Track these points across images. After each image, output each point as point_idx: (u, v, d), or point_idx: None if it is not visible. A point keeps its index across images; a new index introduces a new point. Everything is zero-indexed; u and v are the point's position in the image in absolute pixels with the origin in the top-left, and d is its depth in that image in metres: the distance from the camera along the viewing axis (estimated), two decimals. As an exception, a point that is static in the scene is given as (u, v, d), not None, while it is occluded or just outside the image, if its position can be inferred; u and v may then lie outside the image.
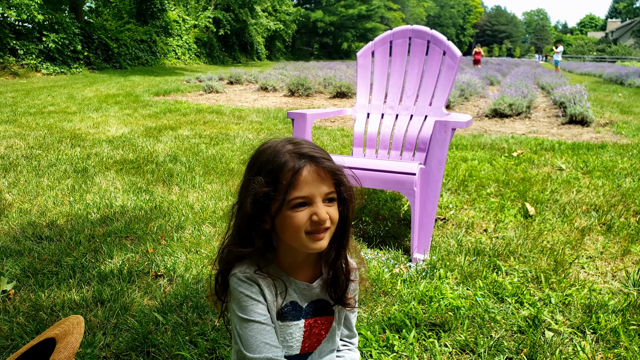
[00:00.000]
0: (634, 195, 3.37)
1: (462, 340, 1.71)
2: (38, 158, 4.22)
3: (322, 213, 0.99)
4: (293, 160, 0.98)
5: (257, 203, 1.00)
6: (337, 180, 1.03)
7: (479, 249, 2.46)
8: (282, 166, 0.98)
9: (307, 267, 1.13)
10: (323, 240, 1.01)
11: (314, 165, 0.99)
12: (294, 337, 1.12)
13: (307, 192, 0.98)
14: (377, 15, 58.98)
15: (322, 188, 0.99)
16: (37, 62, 14.98)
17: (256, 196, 0.99)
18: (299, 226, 0.99)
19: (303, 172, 0.97)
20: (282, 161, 0.98)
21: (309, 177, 0.98)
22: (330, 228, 1.02)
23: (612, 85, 15.54)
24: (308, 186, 0.98)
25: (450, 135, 2.31)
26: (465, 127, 2.46)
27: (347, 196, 1.05)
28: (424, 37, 2.98)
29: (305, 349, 1.15)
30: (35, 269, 2.17)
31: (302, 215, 0.99)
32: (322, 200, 1.00)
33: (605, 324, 1.81)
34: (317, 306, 1.14)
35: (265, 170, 1.00)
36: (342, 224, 1.07)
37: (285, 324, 1.11)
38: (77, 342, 0.91)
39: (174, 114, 7.28)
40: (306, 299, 1.13)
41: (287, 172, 0.97)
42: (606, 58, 50.49)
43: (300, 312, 1.12)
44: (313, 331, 1.15)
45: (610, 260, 2.42)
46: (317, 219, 0.98)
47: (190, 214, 2.90)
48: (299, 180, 0.97)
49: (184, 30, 28.09)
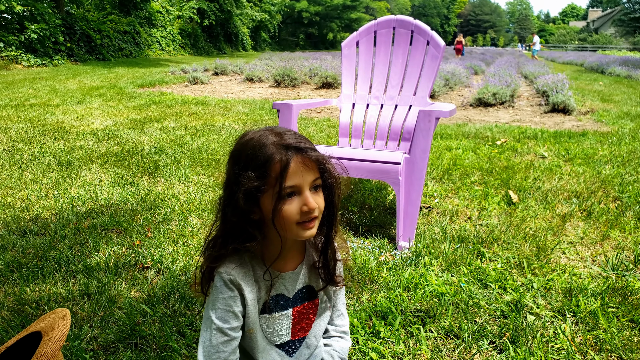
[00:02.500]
0: (614, 182, 3.44)
1: (447, 326, 1.74)
2: (20, 151, 4.17)
3: (311, 202, 1.01)
4: (279, 153, 0.99)
5: (249, 197, 1.01)
6: (322, 168, 1.05)
7: (463, 237, 2.50)
8: (270, 159, 0.99)
9: (292, 255, 1.15)
10: (313, 228, 1.04)
11: (300, 155, 1.00)
12: (283, 326, 1.15)
13: (296, 182, 1.00)
14: (362, 6, 58.81)
15: (308, 177, 1.01)
16: (17, 54, 14.69)
17: (247, 191, 1.00)
18: (290, 217, 1.01)
19: (291, 164, 0.99)
20: (268, 154, 0.99)
21: (297, 168, 1.00)
22: (319, 216, 1.05)
23: (594, 74, 15.74)
24: (296, 176, 1.00)
25: (434, 125, 2.34)
26: (449, 117, 2.49)
27: (332, 182, 1.07)
28: (407, 27, 2.99)
29: (296, 334, 1.18)
30: (20, 263, 2.15)
31: (292, 207, 1.00)
32: (309, 189, 1.02)
33: (585, 307, 1.86)
34: (303, 293, 1.17)
35: (253, 164, 1.01)
36: (328, 209, 1.09)
37: (272, 316, 1.13)
38: (63, 335, 0.91)
39: (159, 105, 7.21)
40: (293, 289, 1.15)
41: (275, 165, 0.99)
42: (587, 47, 51.04)
43: (287, 302, 1.14)
44: (302, 317, 1.17)
45: (590, 246, 2.48)
46: (307, 208, 1.00)
47: (176, 205, 2.90)
48: (287, 171, 0.99)
49: (168, 21, 27.73)
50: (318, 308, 1.21)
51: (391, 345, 1.64)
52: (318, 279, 1.18)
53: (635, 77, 12.91)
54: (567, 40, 64.47)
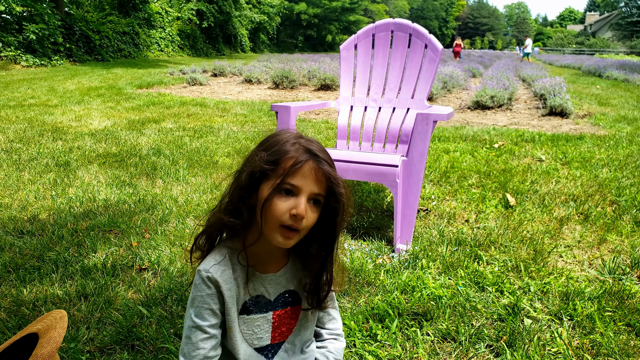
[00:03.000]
0: (610, 186, 3.45)
1: (444, 329, 1.74)
2: (18, 152, 4.16)
3: (301, 208, 1.00)
4: (298, 152, 1.02)
5: (252, 176, 1.03)
6: (330, 188, 1.04)
7: (460, 239, 2.50)
8: (286, 153, 1.02)
9: (277, 258, 1.15)
10: (290, 240, 1.02)
11: (315, 163, 1.02)
12: (262, 329, 1.14)
13: (298, 183, 1.01)
14: (360, 8, 58.89)
15: (312, 186, 1.02)
16: (16, 54, 14.67)
17: (254, 169, 1.03)
18: (277, 213, 1.00)
19: (304, 166, 1.01)
20: (288, 148, 1.03)
21: (307, 172, 1.01)
22: (301, 232, 1.03)
23: (591, 77, 15.79)
24: (301, 178, 1.01)
25: (432, 128, 2.34)
26: (447, 120, 2.49)
27: (335, 206, 1.05)
28: (406, 30, 3.00)
29: (276, 339, 1.17)
30: (17, 264, 2.15)
31: (284, 204, 1.00)
32: (308, 199, 1.02)
33: (582, 311, 1.86)
34: (286, 297, 1.16)
35: (270, 150, 1.04)
36: (328, 232, 1.09)
37: (251, 317, 1.12)
38: (60, 336, 0.91)
39: (157, 106, 7.21)
40: (275, 292, 1.14)
41: (288, 159, 1.01)
42: (585, 51, 51.22)
43: (268, 305, 1.14)
44: (283, 321, 1.16)
45: (587, 249, 2.48)
46: (295, 212, 0.99)
47: (174, 207, 2.89)
48: (297, 171, 1.00)
49: (167, 22, 27.73)
50: (301, 314, 1.19)
51: (388, 348, 1.64)
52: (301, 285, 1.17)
53: (632, 80, 12.95)
54: (564, 44, 64.70)
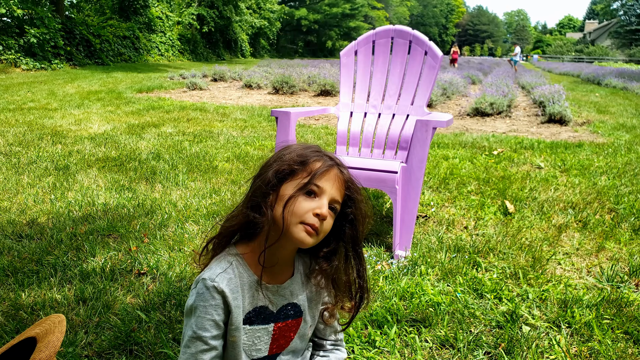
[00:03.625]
0: (609, 193, 3.46)
1: (442, 336, 1.74)
2: (18, 155, 4.16)
3: (325, 210, 1.03)
4: (324, 159, 1.07)
5: (279, 173, 1.06)
6: (348, 196, 1.08)
7: (459, 246, 2.51)
8: (312, 156, 1.07)
9: (282, 268, 1.14)
10: (312, 236, 1.04)
11: (339, 169, 1.07)
12: (262, 340, 1.14)
13: (324, 186, 1.04)
14: (360, 14, 59.09)
15: (334, 192, 1.06)
16: (16, 57, 14.69)
17: (282, 166, 1.06)
18: (301, 211, 1.02)
19: (332, 171, 1.06)
20: (313, 154, 1.08)
21: (332, 177, 1.06)
22: (319, 236, 1.06)
23: (590, 85, 15.85)
24: (327, 182, 1.05)
25: (431, 134, 2.35)
26: (446, 127, 2.50)
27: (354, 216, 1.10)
28: (406, 37, 3.02)
29: (273, 350, 1.16)
30: (15, 267, 2.15)
31: (307, 203, 1.03)
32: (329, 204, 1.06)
33: (580, 318, 1.86)
34: (288, 310, 1.16)
35: (298, 154, 1.08)
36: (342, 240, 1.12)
37: (253, 327, 1.12)
38: (58, 341, 0.91)
39: (157, 111, 7.22)
40: (278, 304, 1.14)
41: (315, 163, 1.06)
42: (584, 58, 51.43)
43: (270, 317, 1.13)
44: (283, 334, 1.16)
45: (585, 257, 2.49)
46: (319, 211, 1.02)
47: (173, 211, 2.90)
48: (324, 174, 1.05)
49: (168, 26, 27.81)
50: (300, 327, 1.19)
51: (387, 355, 1.64)
52: (305, 298, 1.18)
53: (631, 88, 13.00)
54: (563, 52, 64.97)
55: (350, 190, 1.08)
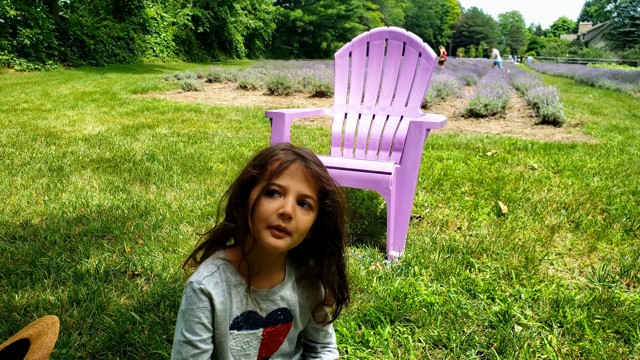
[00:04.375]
0: (601, 194, 3.49)
1: (435, 336, 1.75)
2: (11, 156, 4.14)
3: (289, 207, 0.99)
4: (285, 154, 1.04)
5: (242, 182, 1.05)
6: (322, 190, 1.03)
7: (452, 247, 2.52)
8: (273, 156, 1.04)
9: (271, 272, 1.13)
10: (280, 240, 1.00)
11: (302, 163, 1.02)
12: (251, 345, 1.13)
13: (284, 183, 1.00)
14: (356, 15, 59.17)
15: (300, 186, 1.01)
16: (9, 57, 14.62)
17: (243, 175, 1.06)
18: (265, 214, 1.00)
19: (290, 166, 1.01)
20: (275, 152, 1.05)
21: (293, 172, 1.01)
22: (293, 236, 1.01)
23: (584, 86, 15.94)
24: (287, 178, 1.01)
25: (425, 136, 2.36)
26: (440, 128, 2.52)
27: (332, 209, 1.05)
28: (400, 38, 3.03)
29: (262, 355, 1.16)
30: (9, 269, 2.14)
31: (271, 205, 1.00)
32: (297, 200, 1.01)
33: (572, 318, 1.88)
34: (278, 315, 1.15)
35: (259, 157, 1.07)
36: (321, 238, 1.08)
37: (241, 333, 1.11)
38: (51, 342, 0.91)
39: (151, 112, 7.21)
40: (267, 309, 1.13)
41: (275, 161, 1.03)
42: (578, 60, 51.75)
43: (259, 322, 1.12)
44: (272, 338, 1.16)
45: (577, 257, 2.51)
46: (282, 211, 0.98)
47: (167, 213, 2.89)
48: (283, 171, 1.01)
49: (162, 27, 27.74)
50: (290, 331, 1.19)
51: (380, 355, 1.65)
52: (296, 303, 1.17)
53: (624, 90, 13.09)
54: (558, 53, 65.33)
55: (322, 182, 1.03)
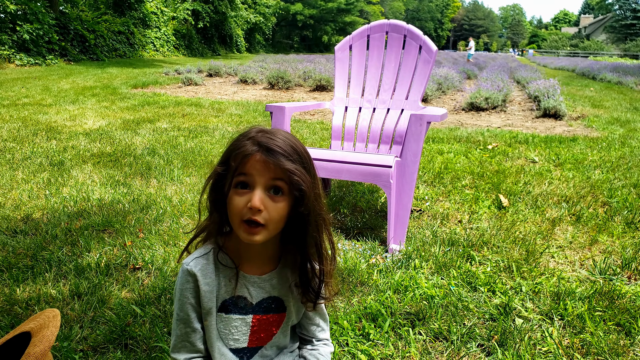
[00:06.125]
0: (602, 187, 3.48)
1: (436, 329, 1.76)
2: (12, 151, 4.14)
3: (255, 199, 0.97)
4: (247, 146, 1.01)
5: (215, 184, 1.05)
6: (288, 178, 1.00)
7: (453, 240, 2.52)
8: (237, 148, 1.02)
9: (262, 260, 1.13)
10: (256, 235, 1.00)
11: (265, 155, 0.99)
12: (239, 331, 1.13)
13: (248, 177, 0.99)
14: (356, 9, 58.95)
15: (265, 177, 0.99)
16: (10, 52, 14.58)
17: (212, 175, 1.05)
18: (236, 209, 0.99)
19: (250, 158, 0.99)
20: (240, 144, 1.02)
21: (256, 164, 0.99)
22: (269, 226, 1.00)
23: (585, 79, 15.88)
24: (251, 169, 0.99)
25: (426, 129, 2.36)
26: (440, 121, 2.51)
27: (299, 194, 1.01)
28: (400, 31, 3.02)
29: (254, 342, 1.16)
30: (10, 263, 2.15)
31: (241, 200, 0.99)
32: (267, 189, 0.99)
33: (572, 311, 1.88)
34: (269, 303, 1.15)
35: (225, 153, 1.05)
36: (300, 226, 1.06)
37: (230, 316, 1.11)
38: (53, 335, 0.91)
39: (152, 106, 7.20)
40: (257, 296, 1.13)
41: (237, 155, 1.00)
42: (579, 53, 51.56)
43: (248, 308, 1.13)
44: (263, 327, 1.15)
45: (578, 250, 2.51)
46: (250, 205, 0.97)
47: (168, 207, 2.90)
48: (245, 164, 0.99)
49: (163, 22, 27.65)
50: (283, 323, 1.19)
51: (380, 348, 1.65)
52: (289, 293, 1.17)
53: (625, 83, 13.04)
54: (559, 46, 65.11)
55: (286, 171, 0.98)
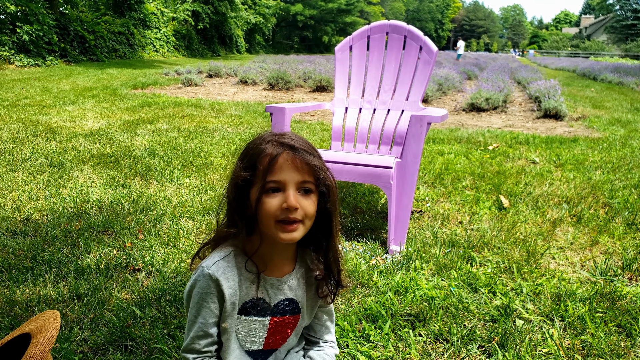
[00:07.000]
0: (603, 188, 3.48)
1: (437, 330, 1.75)
2: (12, 152, 4.14)
3: (291, 199, 0.99)
4: (272, 148, 1.01)
5: (237, 187, 1.04)
6: (316, 174, 1.03)
7: (454, 241, 2.52)
8: (261, 152, 1.01)
9: (282, 262, 1.14)
10: (294, 232, 1.01)
11: (292, 153, 1.01)
12: (257, 333, 1.14)
13: (280, 177, 0.99)
14: (356, 10, 58.96)
15: (296, 176, 1.00)
16: (10, 53, 14.60)
17: (236, 180, 1.03)
18: (270, 212, 1.00)
19: (279, 159, 1.00)
20: (262, 148, 1.02)
21: (285, 164, 1.00)
22: (305, 222, 1.02)
23: (585, 80, 15.87)
24: (282, 172, 1.00)
25: (426, 130, 2.35)
26: (441, 122, 2.51)
27: (326, 189, 1.04)
28: (401, 32, 3.01)
29: (269, 345, 1.17)
30: (10, 264, 2.14)
31: (274, 202, 1.00)
32: (297, 190, 1.01)
33: (573, 312, 1.87)
34: (286, 305, 1.15)
35: (247, 156, 1.04)
36: (326, 218, 1.08)
37: (249, 318, 1.12)
38: (52, 336, 0.91)
39: (152, 107, 7.20)
40: (275, 297, 1.14)
41: (264, 158, 1.00)
42: (580, 53, 51.54)
43: (266, 310, 1.13)
44: (279, 329, 1.16)
45: (579, 251, 2.50)
46: (286, 205, 0.98)
47: (168, 208, 2.89)
48: (274, 166, 0.99)
49: (163, 22, 27.66)
50: (297, 325, 1.19)
51: (381, 349, 1.65)
52: (304, 294, 1.17)
53: (626, 83, 13.03)
54: (560, 47, 65.12)
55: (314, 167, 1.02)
